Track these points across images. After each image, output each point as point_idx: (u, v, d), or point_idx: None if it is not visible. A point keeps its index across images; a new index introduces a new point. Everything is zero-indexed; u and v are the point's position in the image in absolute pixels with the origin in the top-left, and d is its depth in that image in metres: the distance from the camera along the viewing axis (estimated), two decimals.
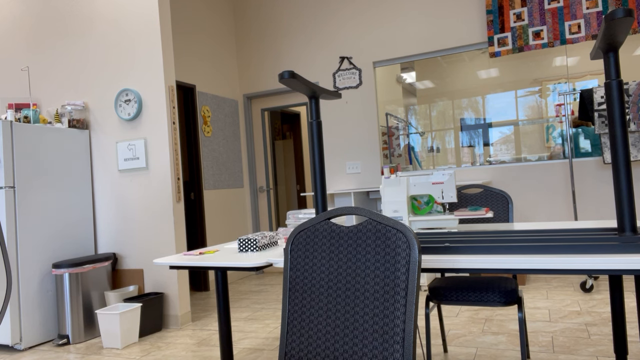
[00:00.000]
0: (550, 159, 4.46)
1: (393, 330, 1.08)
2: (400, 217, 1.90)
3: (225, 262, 1.84)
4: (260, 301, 4.32)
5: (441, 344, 2.80)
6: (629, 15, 1.17)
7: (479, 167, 4.64)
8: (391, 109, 5.26)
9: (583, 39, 4.22)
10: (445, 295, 2.18)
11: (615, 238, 1.29)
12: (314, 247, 1.27)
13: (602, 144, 3.84)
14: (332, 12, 5.25)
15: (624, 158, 1.34)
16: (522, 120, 4.63)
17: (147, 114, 3.75)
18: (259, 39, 5.65)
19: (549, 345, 2.66)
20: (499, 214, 2.63)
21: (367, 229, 1.20)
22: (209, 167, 5.10)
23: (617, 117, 1.34)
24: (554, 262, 1.21)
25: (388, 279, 1.13)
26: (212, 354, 2.98)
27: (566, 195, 4.33)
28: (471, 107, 4.84)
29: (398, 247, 1.13)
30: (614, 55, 1.33)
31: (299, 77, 1.59)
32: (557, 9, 4.30)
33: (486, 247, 1.34)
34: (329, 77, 5.25)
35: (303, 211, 2.28)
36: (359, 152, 5.15)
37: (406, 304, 1.09)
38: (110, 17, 3.91)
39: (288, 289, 1.29)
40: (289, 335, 1.25)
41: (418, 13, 4.85)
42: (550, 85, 4.50)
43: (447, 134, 4.97)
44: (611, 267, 1.16)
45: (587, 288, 3.70)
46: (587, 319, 3.07)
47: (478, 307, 3.52)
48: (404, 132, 5.22)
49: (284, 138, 7.05)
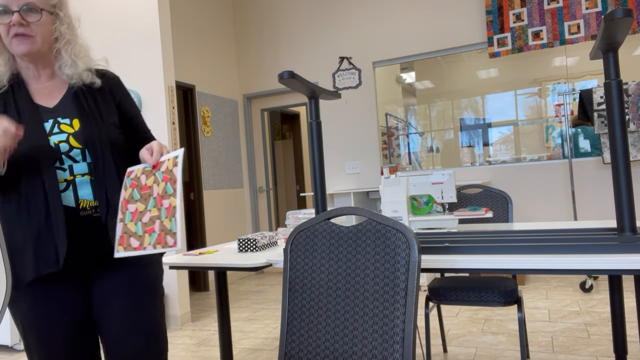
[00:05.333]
0: (550, 159, 4.46)
1: (393, 330, 1.08)
2: (399, 217, 1.90)
3: (225, 262, 1.84)
4: (260, 301, 4.32)
5: (441, 344, 2.80)
6: (628, 15, 1.17)
7: (478, 167, 4.65)
8: (391, 109, 5.26)
9: (582, 39, 4.22)
10: (445, 295, 2.18)
11: (614, 238, 1.30)
12: (314, 247, 1.27)
13: (602, 144, 3.84)
14: (331, 12, 5.25)
15: (624, 158, 1.34)
16: (522, 121, 4.63)
17: (147, 114, 3.75)
18: (259, 39, 5.65)
19: (548, 345, 2.66)
20: (498, 214, 2.63)
21: (366, 229, 1.20)
22: (208, 167, 5.10)
23: (617, 117, 1.34)
24: (554, 262, 1.21)
25: (388, 279, 1.13)
26: (212, 354, 2.98)
27: (566, 195, 4.33)
28: (471, 107, 4.85)
29: (398, 247, 1.13)
30: (613, 56, 1.33)
31: (298, 77, 1.59)
32: (556, 9, 4.30)
33: (486, 247, 1.34)
34: (329, 77, 5.25)
35: (303, 211, 2.28)
36: (358, 152, 5.15)
37: (406, 304, 1.09)
38: (109, 17, 3.91)
39: (288, 289, 1.29)
40: (288, 335, 1.25)
41: (418, 13, 4.85)
42: (549, 85, 4.51)
43: (446, 134, 4.97)
44: (611, 267, 1.16)
45: (587, 288, 3.70)
46: (587, 318, 3.07)
47: (478, 307, 3.52)
48: (403, 132, 5.22)
49: (284, 138, 7.05)
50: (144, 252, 1.18)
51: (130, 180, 1.27)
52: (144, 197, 1.22)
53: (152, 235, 1.17)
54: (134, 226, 1.20)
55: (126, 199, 1.24)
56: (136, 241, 1.20)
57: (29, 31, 1.21)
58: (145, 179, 1.24)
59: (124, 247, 1.21)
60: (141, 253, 1.18)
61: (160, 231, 1.16)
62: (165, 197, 1.18)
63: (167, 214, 1.16)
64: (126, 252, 1.20)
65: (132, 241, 1.20)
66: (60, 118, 1.25)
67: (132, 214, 1.22)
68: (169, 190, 1.18)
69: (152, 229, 1.18)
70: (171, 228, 1.14)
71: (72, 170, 1.24)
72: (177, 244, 1.12)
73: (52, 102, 1.28)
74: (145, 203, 1.21)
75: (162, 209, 1.18)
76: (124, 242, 1.21)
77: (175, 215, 1.15)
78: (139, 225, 1.20)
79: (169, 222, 1.15)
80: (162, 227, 1.16)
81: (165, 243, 1.14)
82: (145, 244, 1.18)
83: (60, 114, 1.26)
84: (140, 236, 1.19)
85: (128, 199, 1.24)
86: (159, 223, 1.17)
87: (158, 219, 1.17)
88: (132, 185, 1.26)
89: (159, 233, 1.16)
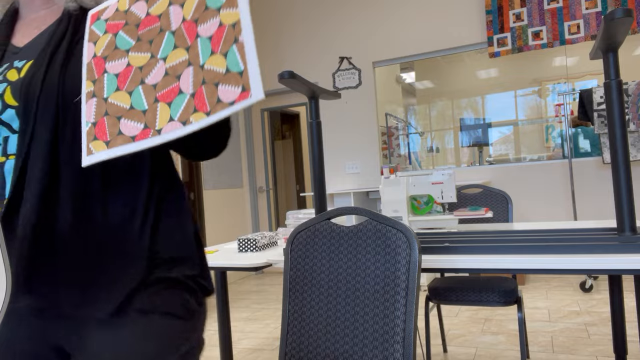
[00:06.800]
0: (550, 159, 4.47)
1: (393, 330, 1.08)
2: (399, 217, 1.90)
3: (225, 262, 1.84)
4: (260, 301, 4.32)
5: (441, 344, 2.80)
6: (628, 15, 1.17)
7: (478, 167, 4.65)
8: (391, 109, 5.26)
9: (582, 39, 4.23)
10: (445, 295, 2.18)
11: (614, 238, 1.30)
12: (314, 247, 1.27)
13: (602, 144, 3.84)
14: (331, 12, 5.25)
15: (624, 158, 1.34)
16: (522, 120, 4.63)
17: None
18: (259, 38, 5.65)
19: (548, 345, 2.66)
20: (498, 214, 2.63)
21: (367, 228, 1.20)
22: (208, 167, 5.10)
23: (617, 117, 1.34)
24: (554, 262, 1.21)
25: (388, 279, 1.13)
26: (212, 354, 2.98)
27: (566, 195, 4.33)
28: (471, 107, 4.85)
29: (398, 247, 1.13)
30: (613, 55, 1.33)
31: (298, 77, 1.59)
32: (556, 9, 4.30)
33: (486, 247, 1.34)
34: (329, 77, 5.25)
35: (303, 211, 2.28)
36: (358, 152, 5.15)
37: (406, 304, 1.09)
38: None
39: (288, 289, 1.29)
40: (289, 335, 1.26)
41: (418, 13, 4.85)
42: (549, 85, 4.51)
43: (446, 134, 4.97)
44: (611, 267, 1.16)
45: (587, 288, 3.70)
46: (587, 318, 3.07)
47: (477, 307, 3.52)
48: (403, 132, 5.22)
49: (284, 138, 7.05)
50: (156, 140, 0.61)
51: (103, 23, 0.72)
52: (147, 38, 0.66)
53: (179, 100, 0.61)
54: (126, 97, 0.65)
55: (99, 55, 0.70)
56: (135, 123, 0.63)
57: None
58: (145, 6, 0.68)
59: (107, 140, 0.65)
60: (149, 143, 0.62)
61: (198, 86, 0.59)
62: (206, 18, 0.61)
63: (218, 43, 0.59)
64: (111, 149, 0.64)
65: (127, 124, 0.64)
66: (17, 61, 0.83)
67: (120, 77, 0.66)
68: (214, 1, 0.61)
69: (173, 90, 0.62)
70: (229, 67, 0.57)
71: (5, 145, 0.78)
72: (252, 91, 0.55)
73: (27, 39, 0.89)
74: (153, 48, 0.65)
75: (201, 43, 0.60)
76: (104, 131, 0.65)
77: (242, 37, 0.57)
78: (139, 93, 0.64)
79: (221, 60, 0.58)
80: (206, 74, 0.59)
81: (217, 103, 0.57)
82: (160, 123, 0.61)
83: (24, 55, 0.84)
84: (143, 112, 0.63)
85: (105, 54, 0.69)
86: (194, 71, 0.60)
87: (191, 64, 0.61)
88: (112, 28, 0.70)
89: (197, 91, 0.59)
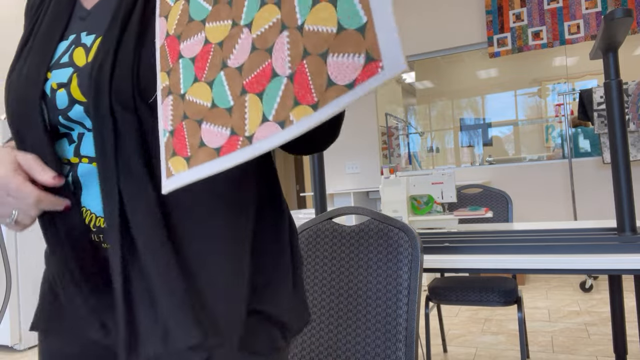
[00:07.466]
0: (550, 159, 4.47)
1: (396, 329, 1.09)
2: (399, 217, 1.90)
3: None
4: None
5: (441, 344, 2.80)
6: (628, 15, 1.18)
7: (478, 167, 4.65)
8: (391, 109, 5.26)
9: (582, 39, 4.23)
10: (445, 295, 2.18)
11: (614, 238, 1.30)
12: (316, 246, 1.28)
13: (602, 144, 3.85)
14: None
15: (624, 158, 1.35)
16: (522, 120, 4.64)
17: None
18: None
19: (548, 345, 2.67)
20: (498, 214, 2.64)
21: (369, 228, 1.20)
22: None
23: (617, 117, 1.35)
24: (554, 262, 1.21)
25: (390, 278, 1.13)
26: None
27: (566, 195, 4.34)
28: (471, 107, 4.85)
29: (400, 246, 1.14)
30: (613, 55, 1.34)
31: None
32: (556, 9, 4.31)
33: (486, 247, 1.34)
34: None
35: (303, 211, 2.28)
36: (358, 152, 5.15)
37: (409, 303, 1.09)
38: None
39: None
40: None
41: (417, 13, 4.86)
42: (549, 85, 4.51)
43: (446, 134, 4.98)
44: (610, 267, 1.16)
45: (587, 288, 3.70)
46: (587, 318, 3.07)
47: (478, 307, 3.52)
48: (403, 132, 5.22)
49: None
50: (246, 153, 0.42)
51: None
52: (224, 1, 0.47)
53: (273, 87, 0.41)
54: (206, 91, 0.46)
55: (172, 34, 0.51)
56: (219, 129, 0.45)
57: None
58: None
59: (187, 155, 0.47)
60: (238, 158, 0.42)
61: (298, 62, 0.39)
62: None
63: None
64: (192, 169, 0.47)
65: (209, 131, 0.46)
66: (85, 33, 0.60)
67: (197, 62, 0.48)
68: None
69: (265, 72, 0.42)
70: (342, 21, 0.38)
71: (78, 145, 0.60)
72: (385, 61, 0.38)
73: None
74: (234, 11, 0.45)
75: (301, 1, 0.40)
76: (184, 142, 0.48)
77: None
78: (222, 83, 0.45)
79: (330, 11, 0.38)
80: (307, 40, 0.39)
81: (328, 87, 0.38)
82: (251, 126, 0.42)
83: (93, 24, 0.61)
84: (228, 111, 0.44)
85: (179, 32, 0.50)
86: (291, 38, 0.40)
87: (285, 27, 0.41)
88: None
89: (297, 69, 0.39)
